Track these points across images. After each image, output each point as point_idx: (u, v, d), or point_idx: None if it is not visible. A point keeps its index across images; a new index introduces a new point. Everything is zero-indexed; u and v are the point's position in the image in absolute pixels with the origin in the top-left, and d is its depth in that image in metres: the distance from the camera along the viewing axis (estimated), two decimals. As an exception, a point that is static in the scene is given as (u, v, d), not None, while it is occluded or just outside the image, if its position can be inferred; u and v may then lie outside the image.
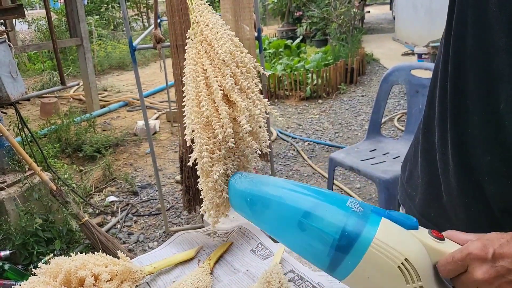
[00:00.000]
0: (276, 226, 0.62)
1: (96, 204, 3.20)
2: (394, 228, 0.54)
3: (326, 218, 0.55)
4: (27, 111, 5.64)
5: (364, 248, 0.52)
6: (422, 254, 0.53)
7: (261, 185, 0.64)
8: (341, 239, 0.53)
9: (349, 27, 7.20)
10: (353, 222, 0.54)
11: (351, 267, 0.53)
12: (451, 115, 0.65)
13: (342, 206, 0.56)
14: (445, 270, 0.53)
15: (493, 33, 0.56)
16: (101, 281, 0.84)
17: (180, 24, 2.21)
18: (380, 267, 0.52)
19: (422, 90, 2.30)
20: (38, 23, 9.14)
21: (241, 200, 0.65)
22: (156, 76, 7.34)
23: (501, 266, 0.50)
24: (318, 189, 0.61)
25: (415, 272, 0.52)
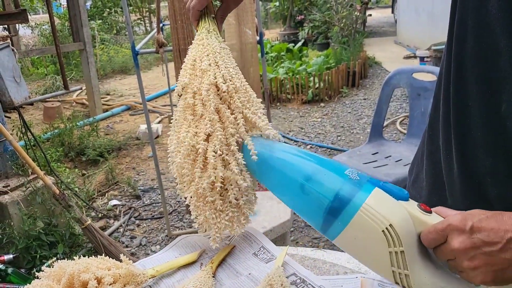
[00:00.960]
0: (279, 185, 0.67)
1: (98, 208, 3.21)
2: (384, 196, 0.58)
3: (323, 182, 0.60)
4: (30, 116, 5.67)
5: (354, 212, 0.57)
6: (406, 222, 0.57)
7: (270, 148, 0.69)
8: (334, 201, 0.58)
9: (351, 31, 7.21)
10: (347, 188, 0.59)
11: (341, 228, 0.58)
12: (454, 117, 0.66)
13: (341, 173, 0.61)
14: (427, 239, 0.57)
15: (493, 35, 0.56)
16: (104, 284, 0.85)
17: (182, 29, 2.23)
18: (366, 230, 0.57)
19: (424, 93, 2.30)
20: (41, 28, 9.20)
21: (251, 160, 0.70)
22: (159, 80, 7.36)
23: (477, 238, 0.53)
24: (322, 157, 0.65)
25: (398, 238, 0.56)
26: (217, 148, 0.72)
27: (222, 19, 0.87)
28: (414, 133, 2.43)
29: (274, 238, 1.97)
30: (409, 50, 7.78)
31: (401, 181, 2.08)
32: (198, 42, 0.82)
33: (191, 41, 2.25)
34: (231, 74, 0.76)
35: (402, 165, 2.24)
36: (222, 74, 0.74)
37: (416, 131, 2.41)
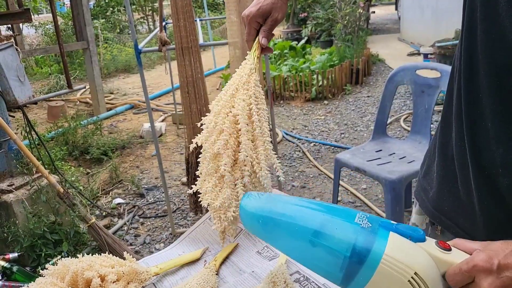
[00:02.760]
0: (288, 245, 0.63)
1: (103, 207, 3.22)
2: (402, 242, 0.56)
3: (336, 236, 0.56)
4: (34, 115, 5.69)
5: (375, 264, 0.54)
6: (430, 266, 0.54)
7: (270, 204, 0.65)
8: (352, 256, 0.55)
9: (354, 28, 7.18)
10: (362, 239, 0.55)
11: (363, 283, 0.55)
12: (465, 109, 0.66)
13: (351, 222, 0.57)
14: (453, 281, 0.55)
15: (503, 28, 0.56)
16: (108, 282, 0.85)
17: (185, 27, 2.22)
18: (391, 282, 0.54)
19: (428, 90, 2.29)
20: (45, 27, 9.23)
21: (253, 221, 0.65)
22: (162, 79, 7.37)
23: (506, 277, 0.51)
24: (327, 205, 0.62)
25: (425, 285, 0.53)
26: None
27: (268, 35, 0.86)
28: (418, 130, 2.42)
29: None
30: (413, 47, 7.75)
31: (405, 178, 2.07)
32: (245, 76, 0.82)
33: (193, 39, 2.25)
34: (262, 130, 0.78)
35: (406, 162, 2.23)
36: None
37: (420, 128, 2.40)
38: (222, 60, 7.98)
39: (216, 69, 7.79)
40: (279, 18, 0.84)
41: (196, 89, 2.33)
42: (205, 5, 7.86)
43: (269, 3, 0.83)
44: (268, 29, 0.84)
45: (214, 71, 7.72)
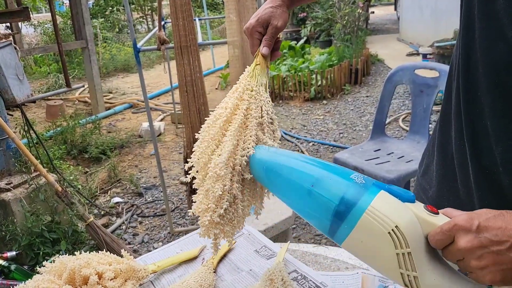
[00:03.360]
0: (287, 191, 0.68)
1: (101, 205, 3.21)
2: (390, 199, 0.58)
3: (329, 186, 0.61)
4: (33, 114, 5.68)
5: (359, 215, 0.57)
6: (412, 224, 0.56)
7: (277, 155, 0.70)
8: (340, 205, 0.59)
9: (354, 28, 7.18)
10: (352, 191, 0.59)
11: (347, 232, 0.58)
12: (464, 107, 0.66)
13: (346, 177, 0.61)
14: (434, 240, 0.56)
15: (501, 25, 0.56)
16: (105, 279, 0.85)
17: (184, 26, 2.22)
18: (372, 233, 0.57)
19: (427, 90, 2.29)
20: (43, 27, 9.22)
21: (259, 168, 0.71)
22: (161, 78, 7.36)
23: (484, 237, 0.52)
24: (328, 163, 0.66)
25: (404, 239, 0.55)
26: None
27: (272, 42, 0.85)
28: (416, 130, 2.42)
29: (276, 234, 1.97)
30: (412, 47, 7.75)
31: (403, 178, 2.07)
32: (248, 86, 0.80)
33: (192, 38, 2.25)
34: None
35: (405, 162, 2.23)
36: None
37: (418, 128, 2.40)
38: (222, 59, 7.98)
39: (215, 68, 7.79)
40: (280, 25, 0.83)
41: (195, 89, 2.33)
42: (204, 5, 7.86)
43: (268, 12, 0.83)
44: (269, 38, 0.84)
45: (213, 71, 7.72)
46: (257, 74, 0.80)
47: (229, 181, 0.71)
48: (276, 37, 0.85)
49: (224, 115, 0.75)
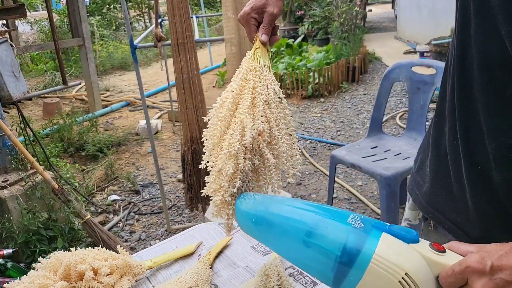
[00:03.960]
0: (281, 245, 0.63)
1: (98, 203, 3.21)
2: (394, 242, 0.55)
3: (327, 236, 0.56)
4: (29, 111, 5.66)
5: (365, 264, 0.53)
6: (422, 268, 0.54)
7: (264, 205, 0.65)
8: (343, 255, 0.55)
9: (351, 26, 7.18)
10: (353, 239, 0.55)
11: (354, 283, 0.55)
12: (458, 103, 0.66)
13: (343, 222, 0.57)
14: (446, 283, 0.54)
15: (495, 22, 0.56)
16: (101, 275, 0.85)
17: (181, 23, 2.21)
18: (381, 282, 0.53)
19: (423, 87, 2.30)
20: (40, 24, 9.18)
21: (247, 221, 0.66)
22: (159, 76, 7.35)
23: (499, 279, 0.51)
24: (320, 206, 0.62)
25: (416, 286, 0.53)
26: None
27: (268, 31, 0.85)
28: (413, 127, 2.42)
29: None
30: (409, 46, 7.76)
31: (400, 175, 2.07)
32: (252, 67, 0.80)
33: (189, 35, 2.25)
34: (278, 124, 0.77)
35: (401, 159, 2.23)
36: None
37: (415, 125, 2.40)
38: (219, 57, 7.97)
39: (213, 66, 7.78)
40: (276, 12, 0.83)
41: (192, 86, 2.32)
42: (201, 2, 7.84)
43: (262, 0, 0.83)
44: (266, 25, 0.84)
45: (211, 69, 7.71)
46: (259, 57, 0.80)
47: (242, 159, 0.68)
48: (273, 24, 0.85)
49: (231, 97, 0.74)
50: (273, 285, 0.80)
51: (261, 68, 0.78)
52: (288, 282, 0.85)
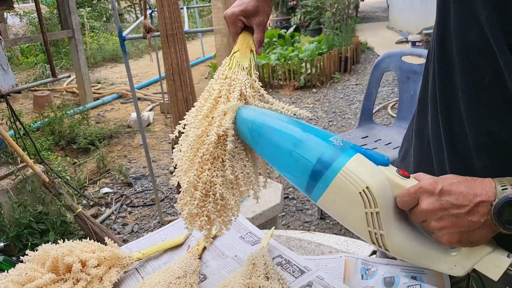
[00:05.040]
0: (269, 151, 0.70)
1: (90, 196, 3.20)
2: (364, 161, 0.61)
3: (308, 147, 0.64)
4: (20, 105, 5.61)
5: (334, 175, 0.60)
6: (383, 185, 0.60)
7: (261, 115, 0.72)
8: (317, 165, 0.62)
9: (343, 16, 7.17)
10: (329, 153, 0.62)
11: (322, 190, 0.62)
12: (439, 91, 0.66)
13: (325, 139, 0.64)
14: (401, 201, 0.60)
15: (475, 8, 0.56)
16: (89, 267, 0.85)
17: (170, 14, 2.20)
18: (345, 192, 0.60)
19: (413, 76, 2.30)
20: (29, 16, 9.06)
21: (244, 127, 0.72)
22: (150, 68, 7.30)
23: (445, 201, 0.55)
24: (309, 125, 0.68)
25: (374, 199, 0.59)
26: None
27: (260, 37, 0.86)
28: (403, 116, 2.43)
29: (264, 222, 1.99)
30: (402, 35, 7.76)
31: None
32: (225, 73, 0.80)
33: (178, 26, 2.23)
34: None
35: (392, 148, 2.25)
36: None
37: (405, 114, 2.41)
38: (211, 49, 7.91)
39: (205, 58, 7.74)
40: (266, 20, 0.85)
41: (182, 77, 2.31)
42: (192, -7, 7.77)
43: (253, 6, 0.84)
44: (260, 37, 0.85)
45: (203, 60, 7.67)
46: (237, 61, 0.81)
47: (195, 170, 0.70)
48: (264, 32, 0.87)
49: (194, 112, 0.75)
50: (259, 274, 0.80)
51: (237, 73, 0.78)
52: (275, 271, 0.85)
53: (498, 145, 0.60)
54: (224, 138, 0.72)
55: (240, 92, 0.76)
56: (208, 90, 0.79)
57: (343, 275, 0.89)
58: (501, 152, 0.60)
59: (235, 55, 0.82)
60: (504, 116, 0.58)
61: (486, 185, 0.55)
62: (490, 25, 0.55)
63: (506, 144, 0.59)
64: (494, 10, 0.54)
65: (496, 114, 0.59)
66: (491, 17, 0.54)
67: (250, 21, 0.85)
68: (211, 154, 0.71)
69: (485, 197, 0.54)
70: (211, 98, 0.77)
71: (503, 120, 0.58)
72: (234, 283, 0.79)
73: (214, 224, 0.73)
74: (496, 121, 0.59)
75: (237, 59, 0.81)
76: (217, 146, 0.72)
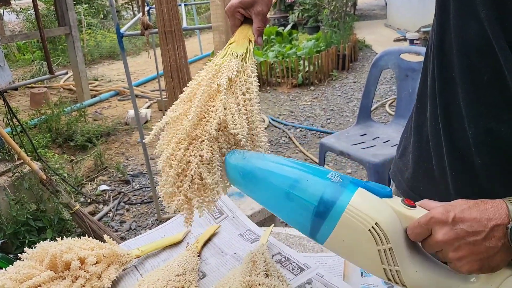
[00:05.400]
0: (265, 196, 0.67)
1: (87, 193, 3.19)
2: (368, 196, 0.59)
3: (307, 188, 0.61)
4: (17, 102, 5.58)
5: (339, 214, 0.58)
6: (392, 219, 0.57)
7: (252, 159, 0.69)
8: (319, 206, 0.59)
9: (341, 14, 7.16)
10: (330, 191, 0.59)
11: (329, 232, 0.59)
12: (438, 88, 0.66)
13: (323, 177, 0.61)
14: (412, 234, 0.57)
15: (474, 5, 0.56)
16: (87, 264, 0.84)
17: (168, 10, 2.19)
18: (353, 231, 0.58)
19: (412, 74, 2.30)
20: (26, 13, 9.01)
21: (235, 173, 0.69)
22: (148, 65, 7.28)
23: (460, 229, 0.53)
24: (304, 163, 0.66)
25: (385, 235, 0.56)
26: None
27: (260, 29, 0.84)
28: (401, 114, 2.43)
29: (262, 219, 1.98)
30: (399, 33, 7.76)
31: (388, 162, 2.09)
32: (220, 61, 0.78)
33: (176, 22, 2.22)
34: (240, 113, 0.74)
35: (390, 146, 2.25)
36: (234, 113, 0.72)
37: (403, 112, 2.41)
38: (209, 46, 7.89)
39: (203, 55, 7.72)
40: (265, 10, 0.83)
41: (180, 74, 2.30)
42: (190, -10, 7.74)
43: None
44: (262, 26, 0.84)
45: (200, 57, 7.65)
46: (231, 51, 0.80)
47: (170, 149, 0.69)
48: (266, 23, 0.85)
49: (179, 101, 0.75)
50: (259, 271, 0.80)
51: (229, 61, 0.77)
52: (275, 268, 0.85)
53: (497, 142, 0.59)
54: (207, 120, 0.71)
55: (228, 78, 0.74)
56: (195, 78, 0.78)
57: (343, 273, 0.89)
58: (500, 149, 0.60)
59: (230, 46, 0.81)
60: (503, 113, 0.58)
61: (498, 208, 0.53)
62: (489, 23, 0.54)
63: (505, 141, 0.59)
64: (493, 8, 0.54)
65: (496, 112, 0.59)
66: (490, 15, 0.54)
67: (249, 11, 0.84)
68: (188, 134, 0.70)
69: (499, 220, 0.52)
70: (193, 83, 0.76)
71: (502, 118, 0.58)
72: (234, 280, 0.78)
73: (193, 204, 0.71)
74: (496, 118, 0.59)
75: (231, 49, 0.80)
76: (197, 126, 0.71)
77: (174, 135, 0.71)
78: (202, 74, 0.77)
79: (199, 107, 0.71)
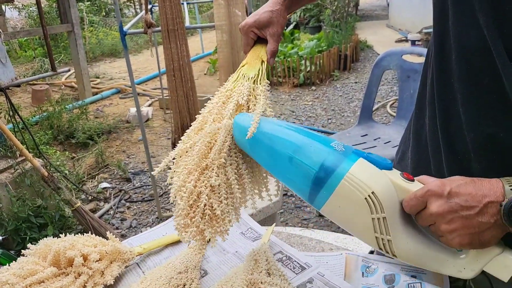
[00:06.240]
0: (268, 158, 0.68)
1: (89, 191, 3.20)
2: (368, 166, 0.60)
3: (310, 153, 0.62)
4: (18, 98, 5.59)
5: (338, 181, 0.59)
6: (388, 190, 0.59)
7: (260, 122, 0.70)
8: (320, 171, 0.61)
9: (343, 14, 7.16)
10: (332, 158, 0.61)
11: (326, 197, 0.61)
12: (438, 93, 0.66)
13: (327, 144, 0.63)
14: (408, 206, 0.59)
15: (473, 11, 0.56)
16: (90, 261, 0.85)
17: (171, 9, 2.19)
18: (349, 198, 0.59)
19: (414, 75, 2.31)
20: (28, 10, 9.01)
21: (241, 134, 0.70)
22: (149, 63, 7.28)
23: (455, 203, 0.55)
24: (309, 131, 0.67)
25: (380, 204, 0.58)
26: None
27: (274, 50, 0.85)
28: (403, 115, 2.44)
29: (263, 218, 1.99)
30: (401, 34, 7.76)
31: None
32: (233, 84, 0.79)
33: (179, 21, 2.23)
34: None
35: (391, 147, 2.25)
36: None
37: (405, 113, 2.42)
38: (210, 45, 7.89)
39: (204, 54, 7.72)
40: (280, 31, 0.84)
41: (183, 73, 2.31)
42: (192, -11, 7.74)
43: (266, 16, 0.83)
44: (274, 48, 0.85)
45: (202, 56, 7.65)
46: (242, 73, 0.81)
47: (181, 181, 0.70)
48: (278, 44, 0.86)
49: (193, 128, 0.75)
50: (261, 270, 0.81)
51: (240, 84, 0.78)
52: (277, 267, 0.86)
53: (496, 147, 0.60)
54: (214, 147, 0.71)
55: (236, 103, 0.74)
56: (207, 105, 0.77)
57: (344, 272, 0.89)
58: (499, 153, 0.60)
59: (242, 68, 0.81)
60: (502, 118, 0.58)
61: (494, 186, 0.55)
62: (488, 29, 0.55)
63: (504, 146, 0.59)
64: (491, 15, 0.54)
65: (494, 116, 0.59)
66: (488, 21, 0.54)
67: (264, 32, 0.84)
68: (198, 165, 0.70)
69: (493, 197, 0.54)
70: (205, 111, 0.76)
71: (501, 122, 0.58)
72: (236, 278, 0.79)
73: (205, 235, 0.70)
74: (494, 123, 0.59)
75: (243, 72, 0.80)
76: (206, 156, 0.71)
77: (185, 167, 0.71)
78: (214, 101, 0.77)
79: (207, 137, 0.71)
